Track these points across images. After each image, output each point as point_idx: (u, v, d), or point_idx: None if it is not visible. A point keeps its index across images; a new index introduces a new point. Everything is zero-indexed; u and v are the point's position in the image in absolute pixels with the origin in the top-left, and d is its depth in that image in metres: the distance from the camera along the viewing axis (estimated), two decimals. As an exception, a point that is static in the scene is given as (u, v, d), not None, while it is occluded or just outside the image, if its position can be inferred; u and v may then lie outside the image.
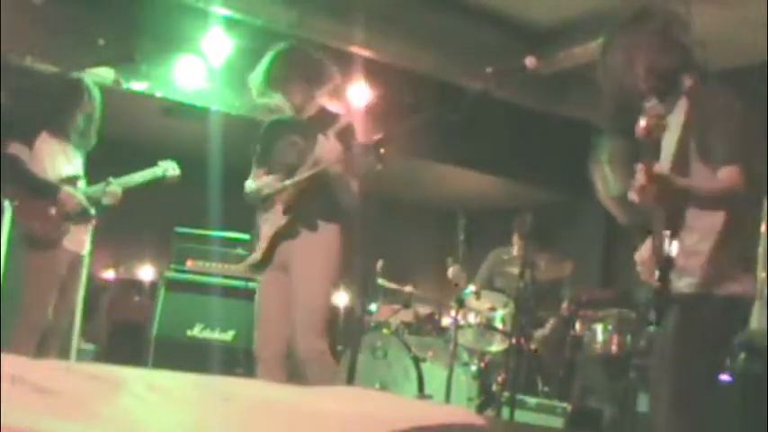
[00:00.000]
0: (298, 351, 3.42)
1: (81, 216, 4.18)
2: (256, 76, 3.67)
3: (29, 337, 4.02)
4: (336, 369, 3.54)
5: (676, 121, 2.54)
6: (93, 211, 4.25)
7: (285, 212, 3.51)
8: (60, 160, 4.18)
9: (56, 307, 4.18)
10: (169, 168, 4.46)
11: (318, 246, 3.47)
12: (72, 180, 4.18)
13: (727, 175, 2.38)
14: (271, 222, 3.57)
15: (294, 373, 3.52)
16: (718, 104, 2.47)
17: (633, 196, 2.36)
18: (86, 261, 4.34)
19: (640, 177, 2.29)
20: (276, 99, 3.68)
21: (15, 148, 4.08)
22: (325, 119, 3.57)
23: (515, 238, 5.70)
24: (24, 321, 4.04)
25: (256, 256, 3.59)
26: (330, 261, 3.49)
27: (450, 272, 5.08)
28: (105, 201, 4.23)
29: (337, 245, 3.51)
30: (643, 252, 2.58)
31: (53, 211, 4.08)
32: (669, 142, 2.55)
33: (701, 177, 2.44)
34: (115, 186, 4.23)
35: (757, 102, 5.40)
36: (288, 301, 3.49)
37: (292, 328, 3.45)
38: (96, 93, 4.31)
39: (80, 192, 4.18)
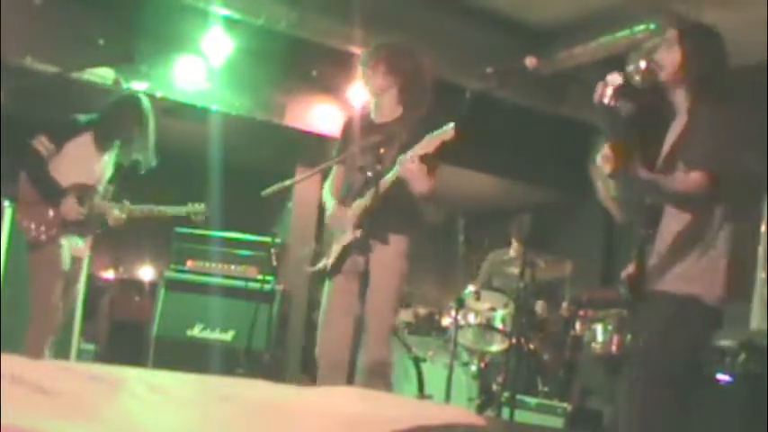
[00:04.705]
0: (363, 362, 3.31)
1: (77, 228, 4.15)
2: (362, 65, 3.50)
3: (42, 336, 4.00)
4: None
5: (674, 127, 2.66)
6: (97, 228, 4.24)
7: (358, 225, 3.38)
8: (87, 166, 4.16)
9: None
10: (198, 213, 4.48)
11: (390, 259, 3.35)
12: (87, 189, 4.16)
13: (694, 177, 2.46)
14: (344, 230, 3.46)
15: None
16: (709, 116, 2.54)
17: (599, 161, 2.41)
18: (86, 263, 4.35)
19: (606, 149, 2.36)
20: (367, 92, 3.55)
21: (40, 143, 4.04)
22: (395, 131, 3.37)
23: (513, 241, 5.71)
24: (35, 322, 4.02)
25: (327, 262, 3.50)
26: (399, 274, 3.40)
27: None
28: (110, 221, 4.22)
29: (405, 257, 3.43)
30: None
31: (52, 215, 4.06)
32: (668, 142, 2.65)
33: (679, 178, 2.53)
34: (118, 212, 4.20)
35: (757, 102, 5.41)
36: (353, 310, 3.40)
37: (359, 339, 3.35)
38: (151, 111, 4.28)
39: (88, 202, 4.15)
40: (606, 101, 2.33)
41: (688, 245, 2.55)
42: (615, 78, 2.37)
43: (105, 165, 4.27)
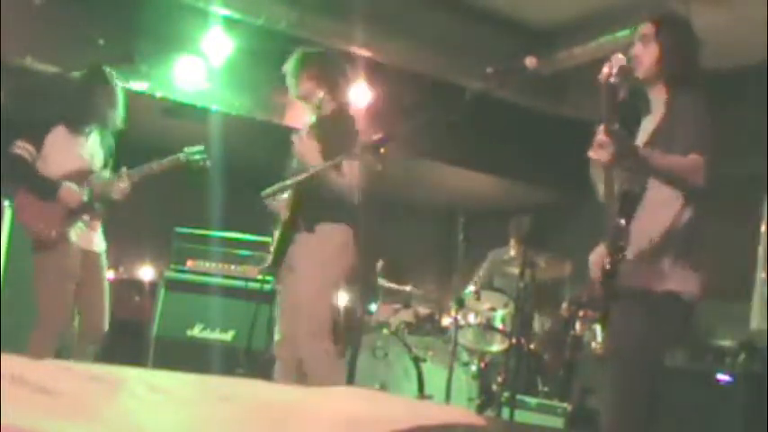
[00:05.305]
0: (302, 353, 3.42)
1: (84, 212, 4.08)
2: (286, 77, 3.74)
3: (47, 339, 3.94)
4: (343, 369, 3.50)
5: (649, 121, 2.66)
6: (97, 206, 4.14)
7: (286, 215, 3.53)
8: (72, 154, 4.10)
9: (81, 308, 4.12)
10: (196, 153, 4.28)
11: (315, 248, 3.46)
12: (81, 174, 4.10)
13: (694, 158, 2.44)
14: (280, 226, 3.60)
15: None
16: (691, 106, 2.55)
17: (592, 154, 2.39)
18: (103, 259, 4.20)
19: (600, 134, 2.33)
20: (294, 98, 3.76)
21: (20, 147, 4.00)
22: (335, 122, 3.58)
23: (512, 241, 5.72)
24: (42, 324, 3.97)
25: (268, 259, 3.63)
26: (328, 262, 3.46)
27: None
28: (114, 195, 4.11)
29: (336, 246, 3.48)
30: (597, 252, 2.65)
31: (54, 209, 4.00)
32: (641, 139, 2.64)
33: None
34: (123, 180, 4.09)
35: (757, 101, 5.41)
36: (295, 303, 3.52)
37: (297, 331, 3.45)
38: (114, 78, 4.20)
39: (88, 183, 4.08)
40: (612, 80, 2.34)
41: (665, 241, 2.54)
42: (620, 58, 2.40)
43: (92, 148, 4.20)
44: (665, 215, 2.55)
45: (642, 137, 2.66)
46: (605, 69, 2.38)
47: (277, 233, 3.59)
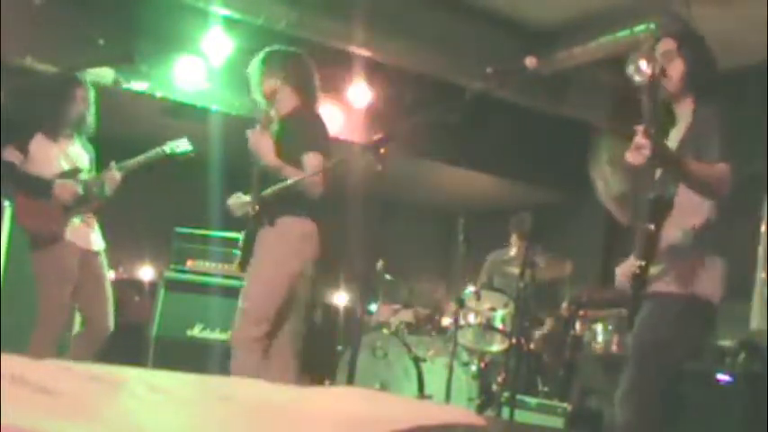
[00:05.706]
0: (231, 335, 3.53)
1: (80, 205, 4.10)
2: (250, 77, 3.79)
3: (47, 339, 3.95)
4: (265, 361, 3.49)
5: (677, 130, 2.69)
6: (92, 201, 4.15)
7: (253, 210, 3.60)
8: (56, 158, 4.12)
9: (83, 308, 4.15)
10: (180, 145, 4.34)
11: (274, 240, 3.52)
12: (71, 174, 4.11)
13: (722, 167, 2.48)
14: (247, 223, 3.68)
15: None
16: (718, 120, 2.60)
17: (629, 157, 2.39)
18: (102, 258, 4.22)
19: (638, 136, 2.34)
20: (258, 97, 3.78)
21: (9, 153, 4.03)
22: (297, 118, 3.62)
23: (513, 239, 5.71)
24: (42, 324, 3.98)
25: (238, 256, 3.71)
26: (278, 252, 3.51)
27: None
28: (109, 188, 4.13)
29: (295, 237, 3.52)
30: (625, 263, 2.65)
31: (50, 205, 4.02)
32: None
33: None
34: (114, 172, 4.12)
35: (757, 101, 5.41)
36: None
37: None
38: (84, 80, 4.22)
39: (79, 181, 4.10)
40: (656, 80, 2.39)
41: (690, 245, 2.56)
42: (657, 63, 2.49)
43: (76, 151, 4.22)
44: (694, 221, 2.56)
45: (672, 139, 2.68)
46: (649, 71, 2.40)
47: (244, 231, 3.67)
